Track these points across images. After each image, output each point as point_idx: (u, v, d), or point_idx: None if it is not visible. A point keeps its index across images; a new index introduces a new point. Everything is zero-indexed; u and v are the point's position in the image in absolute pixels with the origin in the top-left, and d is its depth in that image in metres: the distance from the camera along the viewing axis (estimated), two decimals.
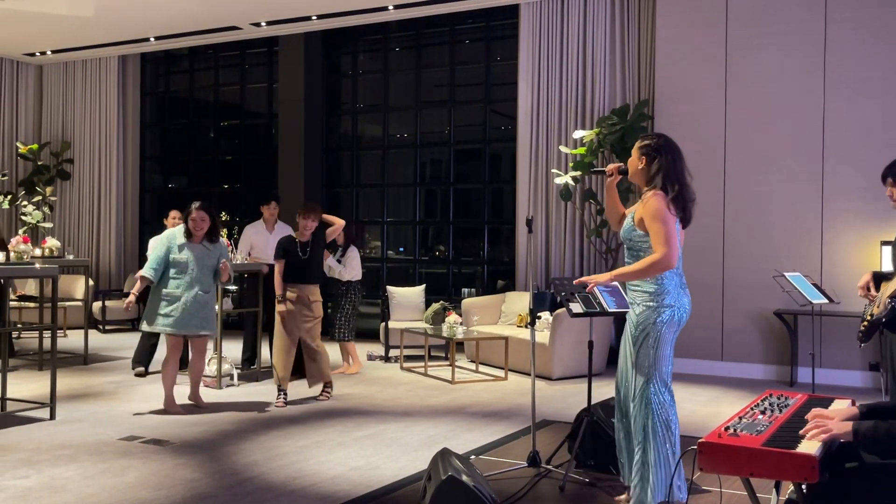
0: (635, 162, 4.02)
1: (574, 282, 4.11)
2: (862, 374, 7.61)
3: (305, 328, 6.62)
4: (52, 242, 8.44)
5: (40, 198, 11.70)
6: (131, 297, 6.18)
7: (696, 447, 2.56)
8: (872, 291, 4.39)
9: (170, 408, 6.27)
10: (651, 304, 3.88)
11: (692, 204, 3.97)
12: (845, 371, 7.66)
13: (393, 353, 9.01)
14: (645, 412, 3.85)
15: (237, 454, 5.13)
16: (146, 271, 6.20)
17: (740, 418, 2.86)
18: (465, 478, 3.49)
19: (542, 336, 7.90)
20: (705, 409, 6.63)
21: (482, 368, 8.43)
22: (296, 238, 6.71)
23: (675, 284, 3.91)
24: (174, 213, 7.86)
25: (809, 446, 2.50)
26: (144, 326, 6.37)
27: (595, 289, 4.76)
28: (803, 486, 2.61)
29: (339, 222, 7.21)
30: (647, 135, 4.10)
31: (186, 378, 6.58)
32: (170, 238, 6.28)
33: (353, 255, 8.11)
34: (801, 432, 2.64)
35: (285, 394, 6.64)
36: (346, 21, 10.46)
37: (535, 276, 9.28)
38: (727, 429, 2.68)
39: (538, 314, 8.33)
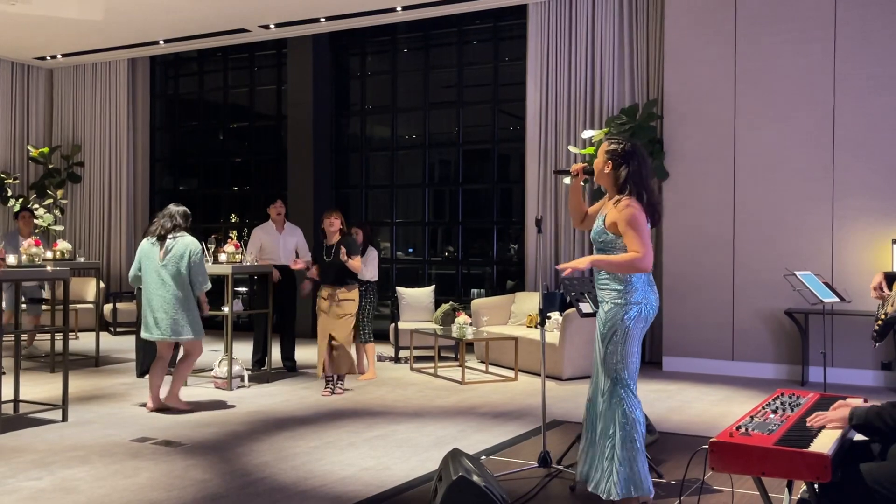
0: (601, 164, 4.09)
1: (556, 266, 4.21)
2: (874, 374, 7.57)
3: (332, 325, 7.08)
4: (63, 245, 8.48)
5: (51, 201, 11.76)
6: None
7: (707, 446, 2.56)
8: (885, 291, 4.38)
9: (178, 404, 6.41)
10: (619, 301, 3.95)
11: (659, 206, 4.11)
12: (857, 370, 7.62)
13: (403, 353, 9.01)
14: (614, 409, 3.91)
15: (248, 455, 5.14)
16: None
17: (752, 417, 2.86)
18: (475, 478, 3.49)
19: (552, 336, 7.89)
20: (716, 408, 6.61)
21: (492, 369, 8.43)
22: (323, 242, 7.30)
23: (643, 282, 3.97)
24: None
25: (822, 445, 2.49)
26: (199, 335, 6.40)
27: None
28: (816, 486, 2.60)
29: (356, 265, 7.21)
30: (613, 138, 4.18)
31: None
32: None
33: (372, 255, 8.09)
34: (807, 421, 2.69)
35: (329, 383, 7.12)
36: (354, 23, 10.47)
37: (545, 276, 9.27)
38: (738, 428, 2.68)
39: (548, 314, 8.33)
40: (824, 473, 2.39)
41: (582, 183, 4.28)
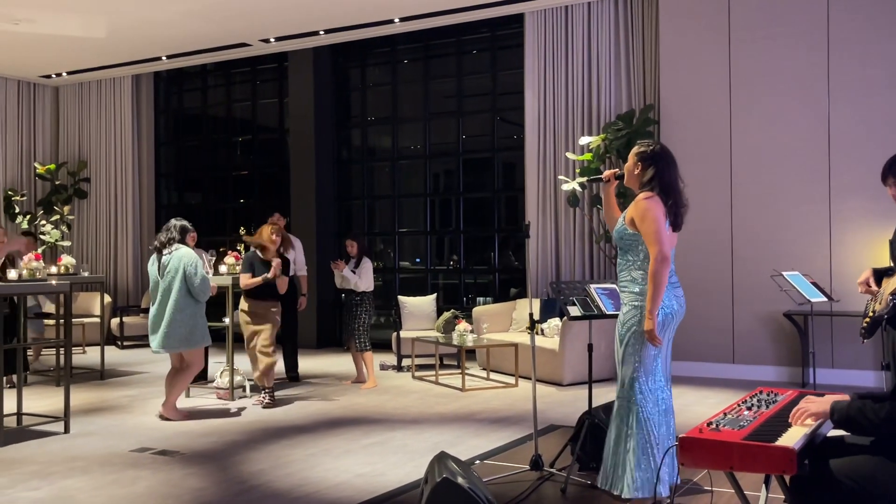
0: (631, 167, 4.16)
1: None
2: (875, 374, 7.54)
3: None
4: (66, 260, 8.59)
5: (58, 217, 11.89)
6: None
7: (676, 444, 2.59)
8: (873, 287, 4.41)
9: (174, 415, 6.51)
10: (636, 303, 4.00)
11: (684, 209, 4.10)
12: (858, 371, 7.60)
13: (405, 362, 9.05)
14: (630, 409, 3.97)
15: (245, 463, 5.19)
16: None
17: (725, 414, 2.89)
18: (460, 480, 3.52)
19: (553, 342, 7.92)
20: (714, 411, 6.59)
21: (493, 375, 8.45)
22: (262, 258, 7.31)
23: None
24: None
25: (789, 440, 2.52)
26: (207, 342, 6.54)
27: (593, 291, 4.80)
28: (786, 479, 2.62)
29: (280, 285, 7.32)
30: (644, 141, 4.27)
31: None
32: None
33: (367, 266, 8.11)
34: (789, 417, 2.71)
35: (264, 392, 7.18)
36: (354, 35, 10.56)
37: (547, 283, 9.30)
38: (709, 424, 2.71)
39: (548, 319, 8.37)
40: (790, 467, 2.42)
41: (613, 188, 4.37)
